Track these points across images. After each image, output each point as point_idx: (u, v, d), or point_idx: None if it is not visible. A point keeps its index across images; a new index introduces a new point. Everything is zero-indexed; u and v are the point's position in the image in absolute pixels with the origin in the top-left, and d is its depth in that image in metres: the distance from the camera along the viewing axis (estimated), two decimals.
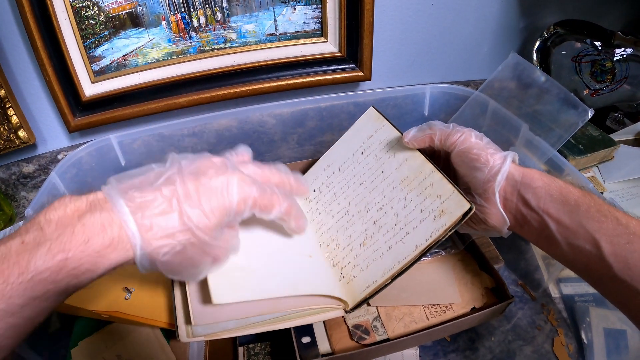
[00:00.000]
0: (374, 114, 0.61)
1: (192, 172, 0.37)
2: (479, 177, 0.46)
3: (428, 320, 0.54)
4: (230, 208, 0.37)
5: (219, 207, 0.36)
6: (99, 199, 0.33)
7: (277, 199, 0.41)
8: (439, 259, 0.61)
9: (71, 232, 0.31)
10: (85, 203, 0.33)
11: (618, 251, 0.39)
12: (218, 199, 0.36)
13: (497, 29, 0.88)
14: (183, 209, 0.34)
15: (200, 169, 0.37)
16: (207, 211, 0.35)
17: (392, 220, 0.51)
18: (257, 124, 0.72)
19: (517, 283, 0.67)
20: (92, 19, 0.69)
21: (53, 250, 0.30)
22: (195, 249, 0.35)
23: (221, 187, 0.36)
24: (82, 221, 0.31)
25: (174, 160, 0.38)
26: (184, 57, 0.74)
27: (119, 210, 0.32)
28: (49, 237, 0.30)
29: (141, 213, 0.33)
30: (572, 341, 0.61)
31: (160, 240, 0.33)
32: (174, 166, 0.37)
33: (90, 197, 0.33)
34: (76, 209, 0.32)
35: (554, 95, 0.64)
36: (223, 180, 0.37)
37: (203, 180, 0.36)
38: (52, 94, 0.71)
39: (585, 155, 0.75)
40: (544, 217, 0.43)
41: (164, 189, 0.34)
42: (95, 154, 0.65)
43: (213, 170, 0.37)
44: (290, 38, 0.76)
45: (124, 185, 0.35)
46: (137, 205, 0.33)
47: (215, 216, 0.36)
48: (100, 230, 0.31)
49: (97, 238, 0.31)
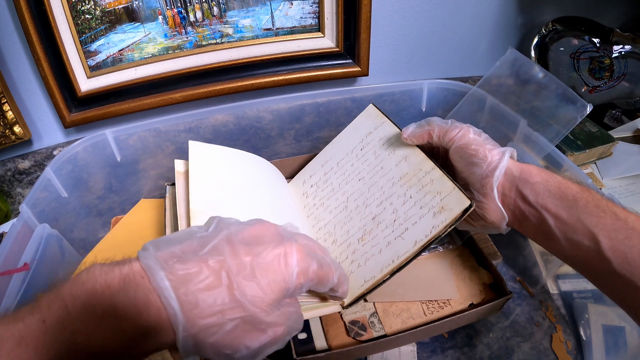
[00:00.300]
0: (374, 111, 0.61)
1: (244, 240, 0.33)
2: (477, 173, 0.46)
3: (426, 316, 0.53)
4: (289, 282, 0.33)
5: (277, 281, 0.32)
6: (134, 272, 0.29)
7: (331, 270, 0.37)
8: (436, 254, 0.60)
9: (100, 317, 0.27)
10: (119, 277, 0.28)
11: (617, 246, 0.38)
12: (276, 271, 0.32)
13: (495, 26, 0.88)
14: (234, 283, 0.30)
15: (253, 237, 0.34)
16: (264, 285, 0.31)
17: (391, 216, 0.50)
18: (253, 119, 0.72)
19: (515, 279, 0.67)
20: (88, 13, 0.69)
21: (77, 339, 0.26)
22: (249, 327, 0.30)
23: (279, 259, 0.33)
24: (114, 303, 0.27)
25: (221, 224, 0.34)
26: (180, 52, 0.74)
27: (158, 286, 0.28)
28: (74, 321, 0.27)
29: (184, 288, 0.28)
30: (571, 338, 0.61)
31: (208, 318, 0.28)
32: (222, 232, 0.33)
33: (125, 270, 0.29)
34: (107, 286, 0.28)
35: (552, 90, 0.64)
36: (280, 251, 0.33)
37: (257, 250, 0.32)
38: (48, 89, 0.70)
39: (583, 151, 0.75)
40: (542, 212, 0.43)
41: (210, 260, 0.30)
42: (91, 150, 0.64)
43: (268, 239, 0.34)
44: (287, 33, 0.75)
45: (164, 254, 0.30)
46: (179, 279, 0.28)
47: (273, 291, 0.32)
48: (135, 316, 0.27)
49: (130, 327, 0.27)
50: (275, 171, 0.66)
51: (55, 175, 0.60)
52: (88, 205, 0.68)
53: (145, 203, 0.68)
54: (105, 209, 0.71)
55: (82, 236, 0.67)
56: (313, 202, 0.61)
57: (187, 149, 0.72)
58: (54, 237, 0.57)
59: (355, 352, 0.51)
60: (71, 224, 0.64)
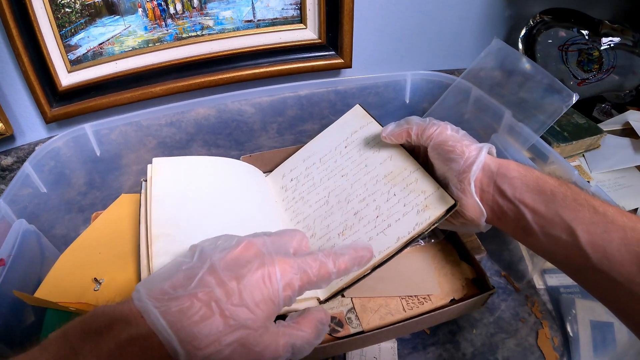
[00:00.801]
0: (360, 111, 0.62)
1: (227, 266, 0.34)
2: (454, 169, 0.46)
3: (405, 312, 0.52)
4: (276, 297, 0.34)
5: (264, 299, 0.33)
6: (134, 315, 0.30)
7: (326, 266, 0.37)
8: (417, 248, 0.59)
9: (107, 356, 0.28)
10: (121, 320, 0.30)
11: (595, 240, 0.38)
12: (262, 291, 0.33)
13: (482, 17, 0.87)
14: (225, 310, 0.31)
15: (235, 260, 0.34)
16: (252, 306, 0.32)
17: (373, 212, 0.51)
18: (235, 112, 0.71)
19: (500, 274, 0.66)
20: (67, 7, 0.68)
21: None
22: (246, 350, 0.32)
23: (262, 278, 0.33)
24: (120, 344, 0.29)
25: (203, 254, 0.35)
26: (160, 44, 0.73)
27: (154, 325, 0.29)
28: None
29: (180, 324, 0.30)
30: (557, 334, 0.60)
31: (206, 349, 0.30)
32: (205, 263, 0.34)
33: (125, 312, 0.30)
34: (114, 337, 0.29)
35: (538, 80, 0.63)
36: (263, 271, 0.34)
37: (241, 273, 0.33)
38: (29, 84, 0.69)
39: (570, 142, 0.74)
40: (520, 207, 0.43)
41: (199, 293, 0.31)
42: (73, 145, 0.63)
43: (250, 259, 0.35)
44: (269, 25, 0.74)
45: (155, 293, 0.31)
46: (174, 316, 0.30)
47: (262, 310, 0.33)
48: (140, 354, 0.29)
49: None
50: (250, 170, 0.65)
51: (34, 170, 0.59)
52: (69, 201, 0.67)
53: (125, 198, 0.67)
54: (86, 205, 0.70)
55: (63, 232, 0.66)
56: (292, 195, 0.60)
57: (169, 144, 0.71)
58: (31, 233, 0.56)
59: (331, 349, 0.50)
60: (52, 220, 0.63)
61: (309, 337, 0.36)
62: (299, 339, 0.35)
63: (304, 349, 0.36)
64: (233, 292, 0.32)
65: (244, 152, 0.74)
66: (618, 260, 0.36)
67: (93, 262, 0.55)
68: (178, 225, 0.49)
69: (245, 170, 0.64)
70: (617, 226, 0.37)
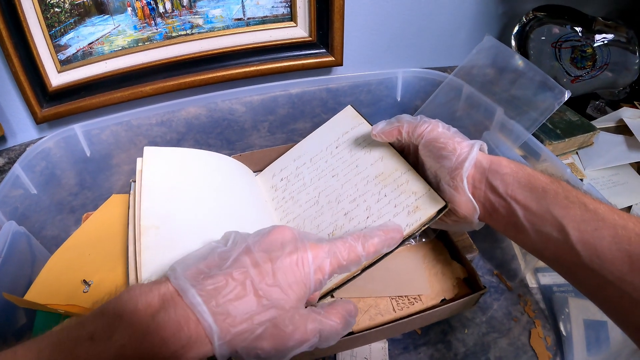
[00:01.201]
0: (352, 112, 0.62)
1: (262, 248, 0.35)
2: (446, 166, 0.46)
3: (395, 312, 0.52)
4: (308, 280, 0.35)
5: (297, 281, 0.35)
6: (170, 292, 0.32)
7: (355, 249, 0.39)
8: (408, 248, 0.58)
9: (145, 331, 0.29)
10: (157, 298, 0.31)
11: (586, 238, 0.37)
12: (295, 273, 0.35)
13: (475, 15, 0.87)
14: (259, 290, 0.33)
15: (270, 243, 0.36)
16: (285, 287, 0.34)
17: (364, 213, 0.51)
18: (226, 111, 0.70)
19: (492, 273, 0.65)
20: (57, 6, 0.67)
21: (127, 353, 0.28)
22: (277, 330, 0.33)
23: (296, 261, 0.35)
24: (157, 320, 0.30)
25: (238, 238, 0.37)
26: (150, 44, 0.72)
27: (191, 302, 0.31)
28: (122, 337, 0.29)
29: (215, 301, 0.31)
30: (550, 333, 0.59)
31: (239, 326, 0.31)
32: (240, 245, 0.36)
33: (162, 290, 0.32)
34: (148, 304, 0.31)
35: (530, 77, 0.62)
36: (296, 254, 0.35)
37: (275, 255, 0.35)
38: (19, 84, 0.69)
39: (562, 140, 0.73)
40: (512, 203, 0.43)
41: (234, 272, 0.33)
42: (63, 145, 0.63)
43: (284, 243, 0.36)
44: (259, 23, 0.74)
45: (191, 272, 0.33)
46: (209, 294, 0.31)
47: (294, 291, 0.34)
48: (177, 329, 0.30)
49: (174, 338, 0.30)
50: (240, 168, 0.64)
51: (24, 171, 0.59)
52: (60, 202, 0.67)
53: (116, 198, 0.67)
54: (78, 206, 0.69)
55: (54, 233, 0.65)
56: (282, 195, 0.59)
57: (160, 144, 0.71)
58: (22, 235, 0.56)
59: (321, 350, 0.49)
60: (43, 221, 0.63)
61: (336, 327, 0.37)
62: (327, 327, 0.36)
63: (331, 337, 0.37)
64: (267, 272, 0.34)
65: (235, 151, 0.74)
66: (608, 259, 0.36)
67: (83, 263, 0.55)
68: (168, 218, 0.48)
69: (236, 167, 0.64)
70: (608, 224, 0.37)
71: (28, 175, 0.59)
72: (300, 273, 0.35)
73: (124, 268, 0.53)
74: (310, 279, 0.35)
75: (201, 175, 0.57)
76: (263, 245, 0.36)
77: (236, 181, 0.61)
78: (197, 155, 0.60)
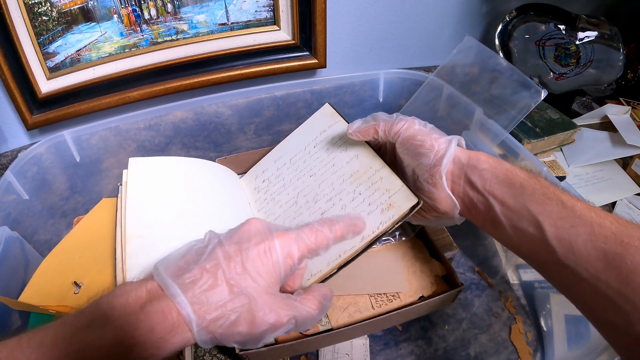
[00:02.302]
0: (329, 110, 0.62)
1: (233, 241, 0.38)
2: (424, 163, 0.46)
3: (373, 309, 0.53)
4: (277, 266, 0.38)
5: (266, 269, 0.37)
6: (155, 287, 0.35)
7: (322, 233, 0.41)
8: (387, 246, 0.59)
9: (136, 320, 0.33)
10: (145, 292, 0.35)
11: (562, 234, 0.38)
12: (263, 261, 0.37)
13: (459, 14, 0.87)
14: (229, 279, 0.35)
15: (240, 236, 0.39)
16: (254, 275, 0.36)
17: (340, 212, 0.51)
18: (213, 115, 0.71)
19: (474, 270, 0.66)
20: (45, 15, 0.68)
21: (121, 338, 0.32)
22: (251, 315, 0.36)
23: (263, 250, 0.38)
24: (145, 310, 0.33)
25: (213, 235, 0.40)
26: (136, 50, 0.73)
27: (172, 294, 0.34)
28: (116, 325, 0.32)
29: (192, 292, 0.34)
30: (531, 329, 0.60)
31: (214, 313, 0.34)
32: (214, 241, 0.39)
33: (149, 285, 0.35)
34: (137, 298, 0.34)
35: (508, 77, 0.63)
36: (264, 244, 0.38)
37: (244, 246, 0.38)
38: (9, 92, 0.70)
39: (542, 138, 0.74)
40: (489, 199, 0.43)
41: (207, 265, 0.36)
42: (54, 151, 0.64)
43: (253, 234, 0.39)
44: (243, 27, 0.74)
45: (173, 269, 0.36)
46: (186, 286, 0.34)
47: (264, 278, 0.37)
48: (162, 319, 0.33)
49: (160, 326, 0.33)
50: (224, 172, 0.66)
51: (16, 177, 0.60)
52: (52, 207, 0.68)
53: (106, 202, 0.68)
54: (69, 210, 0.71)
55: (46, 238, 0.67)
56: (264, 197, 0.61)
57: (148, 148, 0.72)
58: (15, 240, 0.57)
59: (300, 346, 0.51)
60: (35, 226, 0.64)
61: (312, 312, 0.40)
62: (303, 313, 0.39)
63: (307, 323, 0.40)
64: (237, 263, 0.36)
65: (222, 153, 0.75)
66: (584, 256, 0.36)
67: (74, 266, 0.56)
68: (151, 227, 0.51)
69: (220, 171, 0.65)
70: (584, 221, 0.37)
71: (20, 182, 0.60)
72: (269, 260, 0.37)
73: (112, 270, 0.54)
74: (279, 266, 0.38)
75: (184, 183, 0.59)
76: (234, 238, 0.39)
77: (219, 186, 0.62)
78: (181, 163, 0.62)
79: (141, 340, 0.32)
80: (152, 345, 0.33)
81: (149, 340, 0.32)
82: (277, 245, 0.38)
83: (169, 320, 0.33)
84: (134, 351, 0.32)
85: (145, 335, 0.32)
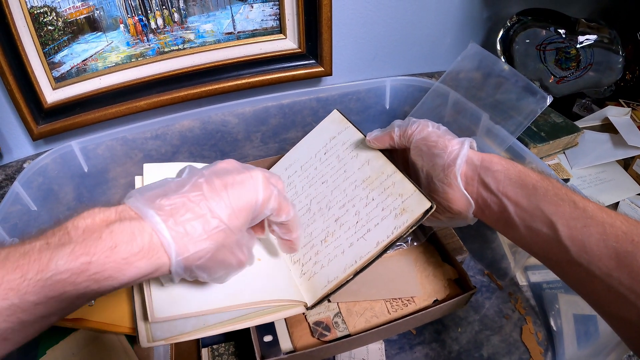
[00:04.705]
0: (338, 117, 0.62)
1: (216, 173, 0.38)
2: (439, 164, 0.47)
3: (389, 314, 0.54)
4: (256, 204, 0.38)
5: (247, 204, 0.37)
6: (127, 209, 0.33)
7: (288, 203, 0.42)
8: (400, 252, 0.60)
9: (98, 237, 0.31)
10: (115, 213, 0.33)
11: (574, 234, 0.38)
12: (246, 195, 0.37)
13: (460, 20, 0.88)
14: (214, 210, 0.35)
15: (223, 170, 0.39)
16: (237, 210, 0.36)
17: (353, 218, 0.51)
18: (219, 123, 0.71)
19: (483, 273, 0.67)
20: (50, 25, 0.68)
21: (76, 252, 0.30)
22: (226, 251, 0.36)
23: (247, 183, 0.38)
24: (110, 228, 0.31)
25: (194, 169, 0.39)
26: (143, 59, 0.73)
27: (150, 220, 0.32)
28: (74, 240, 0.30)
29: (173, 219, 0.33)
30: (541, 329, 0.61)
31: (197, 244, 0.34)
32: (196, 173, 0.38)
33: (120, 208, 0.34)
34: (105, 218, 0.32)
35: (513, 83, 0.64)
36: (247, 176, 0.38)
37: (228, 178, 0.37)
38: (14, 102, 0.70)
39: (547, 142, 0.75)
40: (503, 199, 0.44)
41: (191, 194, 0.35)
42: (60, 161, 0.64)
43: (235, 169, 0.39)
44: (249, 36, 0.75)
45: (149, 195, 0.35)
46: (167, 213, 0.33)
47: (243, 214, 0.37)
48: (130, 238, 0.31)
49: (125, 245, 0.31)
50: None
51: (23, 188, 0.60)
52: (59, 217, 0.67)
53: None
54: None
55: None
56: None
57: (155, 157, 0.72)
58: None
59: (320, 353, 0.51)
60: None
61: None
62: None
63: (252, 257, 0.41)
64: (222, 196, 0.36)
65: None
66: (596, 255, 0.37)
67: None
68: None
69: None
70: (596, 221, 0.38)
71: (27, 192, 0.60)
72: (251, 196, 0.38)
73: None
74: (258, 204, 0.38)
75: None
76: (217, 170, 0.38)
77: None
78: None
79: (100, 257, 0.30)
80: (112, 267, 0.30)
81: (110, 260, 0.30)
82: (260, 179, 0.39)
83: (137, 242, 0.31)
84: (89, 269, 0.30)
85: (105, 253, 0.30)
